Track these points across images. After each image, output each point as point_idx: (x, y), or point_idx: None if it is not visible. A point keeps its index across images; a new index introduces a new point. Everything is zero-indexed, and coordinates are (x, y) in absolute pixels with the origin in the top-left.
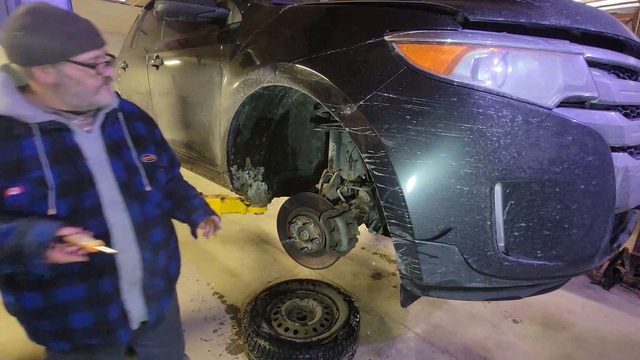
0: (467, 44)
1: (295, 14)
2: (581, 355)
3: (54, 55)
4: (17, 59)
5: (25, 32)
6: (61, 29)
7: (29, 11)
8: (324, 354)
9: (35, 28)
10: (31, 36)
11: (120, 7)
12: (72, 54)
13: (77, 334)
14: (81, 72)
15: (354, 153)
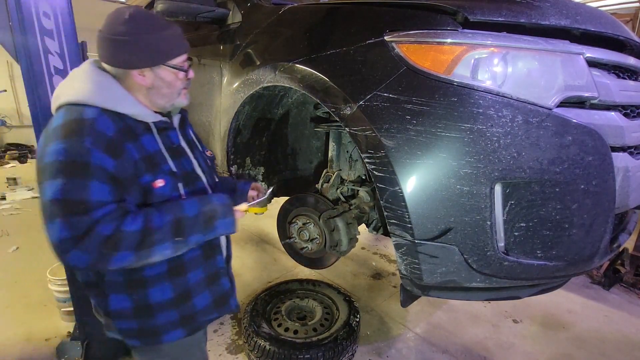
0: (467, 44)
1: (295, 14)
2: (581, 355)
3: (154, 60)
4: (117, 63)
5: (130, 37)
6: (161, 35)
7: (131, 17)
8: (324, 354)
9: (139, 34)
10: (135, 41)
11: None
12: (169, 58)
13: (201, 313)
14: (174, 75)
15: (354, 153)
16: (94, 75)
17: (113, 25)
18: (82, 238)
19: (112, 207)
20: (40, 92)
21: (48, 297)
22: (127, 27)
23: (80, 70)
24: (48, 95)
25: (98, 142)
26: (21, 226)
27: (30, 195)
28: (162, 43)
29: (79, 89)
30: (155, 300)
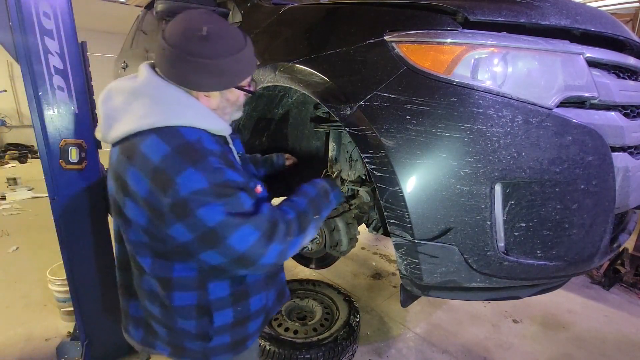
0: (467, 44)
1: (295, 14)
2: (581, 355)
3: (226, 84)
4: (184, 83)
5: (205, 60)
6: (236, 57)
7: (209, 36)
8: (324, 354)
9: (215, 57)
10: (209, 65)
11: (120, 7)
12: (239, 81)
13: (271, 311)
14: (239, 94)
15: (354, 153)
16: (167, 90)
17: (187, 41)
18: (270, 232)
19: (267, 204)
20: (40, 92)
21: (48, 297)
22: (204, 49)
23: (146, 85)
24: (48, 95)
25: (219, 159)
26: (21, 226)
27: (30, 195)
28: (235, 66)
29: (158, 110)
30: (254, 308)
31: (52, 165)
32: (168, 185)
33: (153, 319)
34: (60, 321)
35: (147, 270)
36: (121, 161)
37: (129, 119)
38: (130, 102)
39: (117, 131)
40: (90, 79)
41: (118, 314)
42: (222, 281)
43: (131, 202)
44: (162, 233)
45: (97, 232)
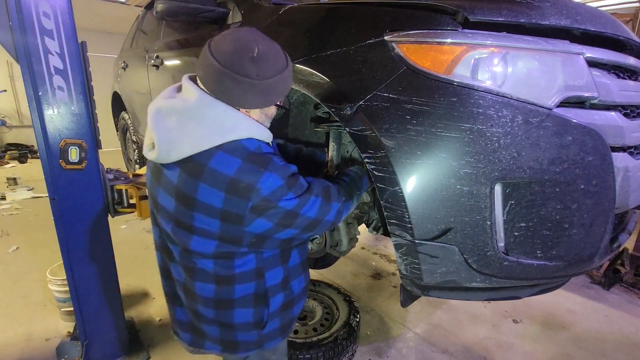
0: (467, 44)
1: (295, 14)
2: (581, 355)
3: (269, 102)
4: (228, 100)
5: (255, 80)
6: (282, 76)
7: (260, 57)
8: (324, 353)
9: (265, 77)
10: (258, 85)
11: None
12: (280, 98)
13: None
14: (275, 108)
15: (354, 153)
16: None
17: (239, 61)
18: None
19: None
20: (40, 92)
21: (48, 297)
22: (253, 69)
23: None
24: (48, 95)
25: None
26: (21, 226)
27: (30, 195)
28: (279, 85)
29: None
30: (296, 291)
31: (52, 165)
32: (250, 191)
33: (204, 321)
34: (60, 321)
35: (209, 272)
36: (186, 180)
37: (191, 141)
38: (185, 123)
39: (179, 152)
40: (90, 79)
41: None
42: (276, 268)
43: (201, 214)
44: (239, 232)
45: (97, 232)
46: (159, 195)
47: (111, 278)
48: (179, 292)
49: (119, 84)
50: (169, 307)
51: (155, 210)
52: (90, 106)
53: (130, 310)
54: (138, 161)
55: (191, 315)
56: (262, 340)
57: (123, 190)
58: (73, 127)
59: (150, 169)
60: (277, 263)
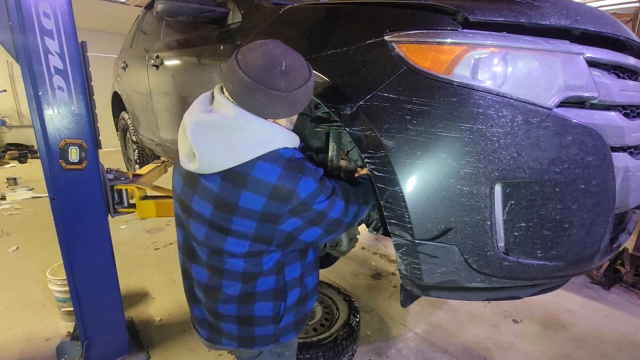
0: (467, 44)
1: (295, 14)
2: (581, 355)
3: (294, 112)
4: (259, 112)
5: (283, 93)
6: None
7: (288, 70)
8: (324, 353)
9: (292, 90)
10: (286, 97)
11: (120, 7)
12: (303, 108)
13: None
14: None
15: (354, 153)
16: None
17: (268, 75)
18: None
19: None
20: (40, 92)
21: (48, 297)
22: (283, 82)
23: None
24: (48, 95)
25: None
26: (21, 226)
27: (30, 195)
28: (304, 95)
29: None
30: (310, 287)
31: (52, 165)
32: (291, 196)
33: (223, 319)
34: (60, 321)
35: (239, 270)
36: (228, 189)
37: (234, 154)
38: (227, 137)
39: (222, 165)
40: (90, 79)
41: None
42: (294, 264)
43: (240, 218)
44: (273, 231)
45: (97, 232)
46: (194, 201)
47: (111, 278)
48: (198, 292)
49: (119, 84)
50: (189, 304)
51: (187, 215)
52: (90, 106)
53: (130, 310)
54: (138, 161)
55: (209, 314)
56: (278, 334)
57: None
58: (73, 127)
59: (183, 177)
60: (296, 259)
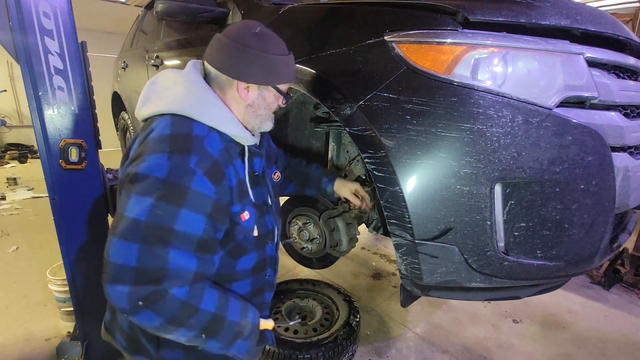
0: (467, 44)
1: (295, 13)
2: (581, 355)
3: (266, 79)
4: (230, 71)
5: (255, 50)
6: (281, 59)
7: (262, 34)
8: (324, 354)
9: (265, 51)
10: (258, 56)
11: (120, 7)
12: (278, 82)
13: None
14: (274, 97)
15: (354, 153)
16: (204, 87)
17: (242, 34)
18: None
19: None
20: (40, 92)
21: (48, 297)
22: (256, 41)
23: (190, 77)
24: (48, 95)
25: (202, 163)
26: (21, 226)
27: (30, 195)
28: (280, 67)
29: (191, 100)
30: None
31: (52, 165)
32: (139, 158)
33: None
34: (60, 321)
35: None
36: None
37: (160, 102)
38: (167, 89)
39: (147, 110)
40: (90, 79)
41: None
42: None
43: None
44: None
45: (97, 232)
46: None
47: None
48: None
49: (119, 84)
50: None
51: None
52: (90, 106)
53: None
54: None
55: None
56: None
57: None
58: (73, 127)
59: None
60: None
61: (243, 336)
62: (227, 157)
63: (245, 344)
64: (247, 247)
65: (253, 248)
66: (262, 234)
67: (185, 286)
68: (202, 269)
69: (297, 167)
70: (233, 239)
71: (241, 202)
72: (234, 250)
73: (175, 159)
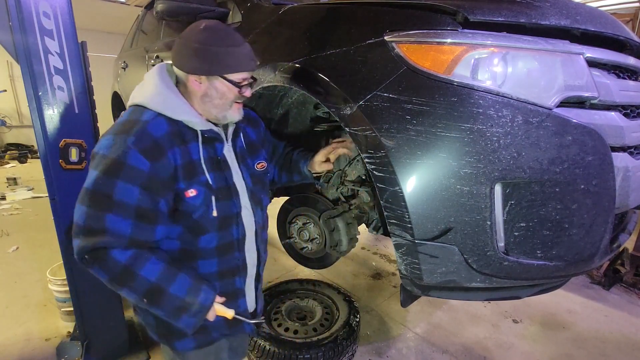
0: (467, 44)
1: (295, 14)
2: (581, 355)
3: (212, 70)
4: (181, 66)
5: (198, 45)
6: (227, 50)
7: (206, 28)
8: (324, 354)
9: (207, 44)
10: (201, 50)
11: (120, 7)
12: (226, 72)
13: (213, 328)
14: (227, 89)
15: (354, 153)
16: (159, 81)
17: (190, 32)
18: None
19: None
20: (40, 92)
21: (48, 297)
22: (199, 36)
23: (150, 74)
24: (48, 95)
25: (140, 143)
26: (21, 226)
27: (30, 195)
28: (224, 57)
29: (145, 92)
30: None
31: (52, 165)
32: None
33: None
34: (60, 321)
35: None
36: None
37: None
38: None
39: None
40: (90, 79)
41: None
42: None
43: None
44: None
45: None
46: None
47: None
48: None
49: (119, 84)
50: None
51: None
52: (90, 106)
53: (130, 310)
54: None
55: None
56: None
57: None
58: (73, 127)
59: None
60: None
61: (189, 312)
62: (174, 139)
63: (192, 320)
64: (207, 226)
65: (214, 228)
66: (223, 216)
67: (126, 251)
68: (137, 235)
69: (285, 155)
70: (188, 216)
71: (189, 181)
72: (193, 228)
73: (117, 138)
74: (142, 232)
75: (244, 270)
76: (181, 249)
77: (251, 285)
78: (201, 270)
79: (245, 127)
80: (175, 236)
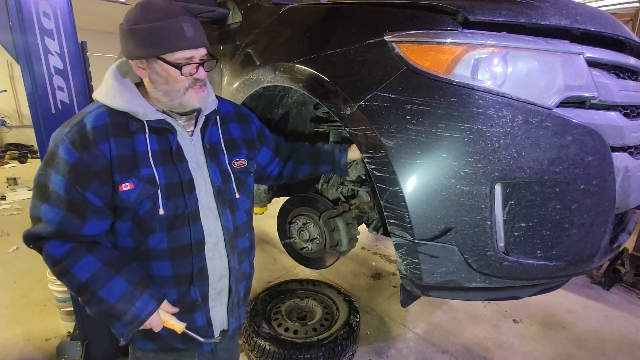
0: (467, 44)
1: (295, 14)
2: (581, 355)
3: (147, 52)
4: (124, 52)
5: (128, 25)
6: (160, 24)
7: (138, 6)
8: (324, 354)
9: (138, 22)
10: (131, 30)
11: (120, 7)
12: (163, 52)
13: (165, 337)
14: (167, 71)
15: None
16: (109, 73)
17: (126, 14)
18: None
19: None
20: (40, 92)
21: (48, 297)
22: (130, 16)
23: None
24: (48, 95)
25: (72, 134)
26: (21, 226)
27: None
28: (158, 34)
29: (99, 88)
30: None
31: None
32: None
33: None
34: (60, 321)
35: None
36: None
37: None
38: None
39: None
40: (90, 79)
41: None
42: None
43: None
44: None
45: None
46: None
47: None
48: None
49: None
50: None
51: None
52: None
53: None
54: None
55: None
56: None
57: None
58: None
59: None
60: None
61: (121, 320)
62: (113, 130)
63: (123, 329)
64: (154, 225)
65: (163, 228)
66: (173, 215)
67: (64, 245)
68: (64, 227)
69: (305, 148)
70: (132, 212)
71: (125, 173)
72: (140, 225)
73: (59, 130)
74: (70, 224)
75: (202, 280)
76: (134, 248)
77: (219, 299)
78: (155, 273)
79: (228, 121)
80: (126, 233)
